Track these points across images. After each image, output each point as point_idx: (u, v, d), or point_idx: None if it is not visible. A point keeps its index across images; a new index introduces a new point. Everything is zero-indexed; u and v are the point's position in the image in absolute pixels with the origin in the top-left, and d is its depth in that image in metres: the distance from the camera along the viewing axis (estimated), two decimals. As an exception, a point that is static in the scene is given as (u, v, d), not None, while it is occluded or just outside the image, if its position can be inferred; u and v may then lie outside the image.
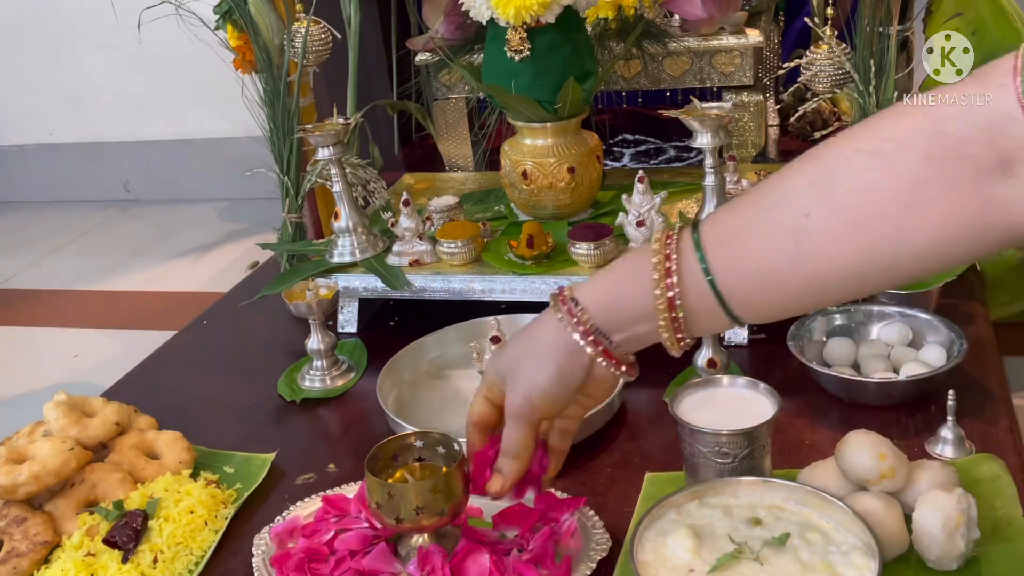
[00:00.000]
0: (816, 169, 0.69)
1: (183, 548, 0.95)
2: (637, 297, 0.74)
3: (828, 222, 0.68)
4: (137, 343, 1.88)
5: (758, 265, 0.71)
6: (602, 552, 0.87)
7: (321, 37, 1.45)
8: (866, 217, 0.67)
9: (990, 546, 0.83)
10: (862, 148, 0.67)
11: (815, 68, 1.24)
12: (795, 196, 0.69)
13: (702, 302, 0.72)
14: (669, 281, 0.72)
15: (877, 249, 0.67)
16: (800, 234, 0.68)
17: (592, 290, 0.77)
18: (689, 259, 0.72)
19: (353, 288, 1.33)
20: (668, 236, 0.73)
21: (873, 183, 0.66)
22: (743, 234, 0.71)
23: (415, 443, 0.91)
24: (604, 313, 0.76)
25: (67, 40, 3.00)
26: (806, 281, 0.70)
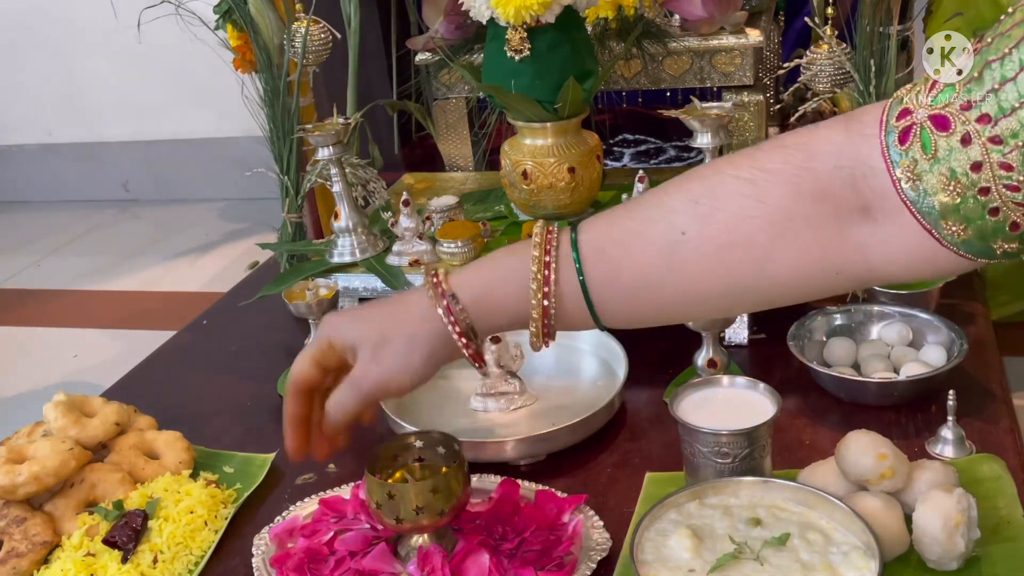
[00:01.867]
0: (696, 189, 0.72)
1: (183, 548, 0.95)
2: (513, 302, 0.76)
3: (701, 243, 0.71)
4: (137, 343, 1.88)
5: (631, 277, 0.73)
6: (602, 552, 0.87)
7: (321, 37, 1.45)
8: (736, 242, 0.70)
9: (990, 546, 0.83)
10: (740, 175, 0.70)
11: (815, 68, 1.24)
12: (674, 214, 0.72)
13: (573, 308, 0.75)
14: (547, 290, 0.74)
15: (743, 274, 0.71)
16: (674, 251, 0.71)
17: (470, 288, 0.78)
18: (567, 269, 0.74)
19: (353, 288, 1.33)
20: (548, 242, 0.75)
21: (745, 211, 0.69)
22: (620, 246, 0.73)
23: (415, 443, 0.91)
24: (479, 313, 0.77)
25: (67, 40, 3.00)
26: (674, 297, 0.74)
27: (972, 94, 0.61)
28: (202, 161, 3.00)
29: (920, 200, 0.64)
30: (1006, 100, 0.59)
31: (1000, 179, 0.61)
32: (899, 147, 0.65)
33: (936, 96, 0.63)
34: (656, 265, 0.72)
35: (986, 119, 0.60)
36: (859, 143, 0.67)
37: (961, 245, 0.65)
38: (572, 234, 0.75)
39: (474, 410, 1.13)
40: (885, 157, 0.65)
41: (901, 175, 0.65)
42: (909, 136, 0.64)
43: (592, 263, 0.74)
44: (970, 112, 0.61)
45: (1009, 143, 0.60)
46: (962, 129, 0.62)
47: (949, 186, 0.63)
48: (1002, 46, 0.60)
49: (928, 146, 0.63)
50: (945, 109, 0.63)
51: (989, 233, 0.64)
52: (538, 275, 0.74)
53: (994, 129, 0.60)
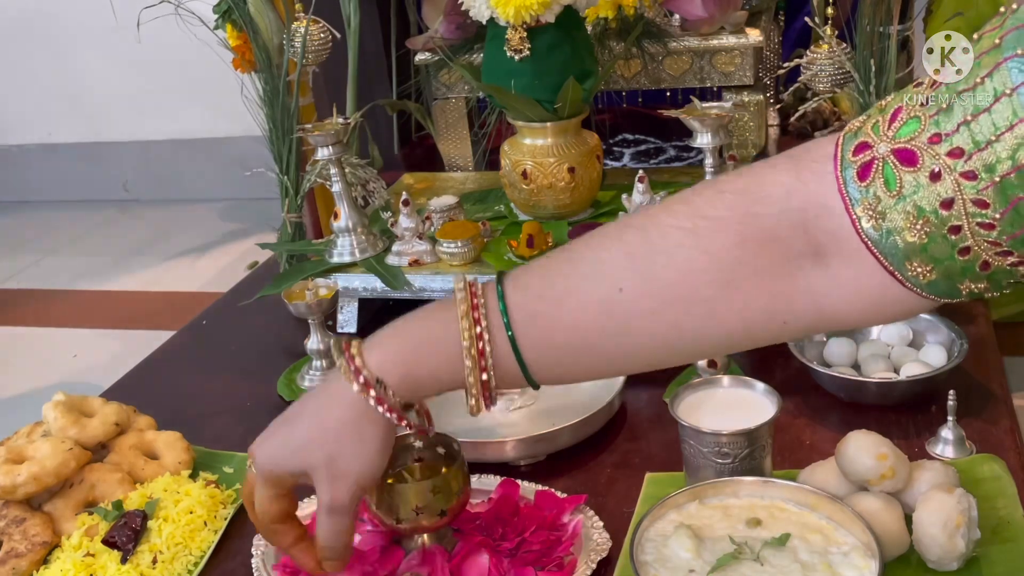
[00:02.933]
0: (634, 242, 0.68)
1: (182, 548, 0.95)
2: (445, 374, 0.71)
3: (642, 298, 0.66)
4: (137, 343, 1.88)
5: (568, 340, 0.69)
6: (602, 552, 0.87)
7: (320, 37, 1.45)
8: (680, 296, 0.66)
9: (991, 546, 0.83)
10: (680, 225, 0.66)
11: (815, 68, 1.24)
12: (610, 269, 0.67)
13: (508, 373, 0.70)
14: (483, 364, 0.69)
15: (686, 328, 0.67)
16: (612, 310, 0.67)
17: (395, 369, 0.72)
18: (500, 338, 0.69)
19: (353, 288, 1.33)
20: (475, 308, 0.69)
21: (688, 262, 0.65)
22: (554, 305, 0.69)
23: (415, 443, 0.91)
24: (409, 391, 0.72)
25: (67, 40, 3.00)
26: (614, 355, 0.70)
27: (941, 126, 0.57)
28: (202, 161, 3.00)
29: (883, 240, 0.60)
30: (980, 133, 0.55)
31: (973, 216, 0.57)
32: (858, 183, 0.60)
33: (900, 128, 0.59)
34: (593, 325, 0.68)
35: (958, 153, 0.56)
36: (810, 182, 0.63)
37: (925, 287, 0.61)
38: (499, 292, 0.69)
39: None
40: (843, 194, 0.61)
41: (861, 213, 0.60)
42: (870, 172, 0.60)
43: (525, 329, 0.68)
44: (940, 146, 0.57)
45: (984, 178, 0.55)
46: (931, 164, 0.57)
47: (916, 225, 0.59)
48: (973, 75, 0.56)
49: (892, 182, 0.59)
50: (911, 143, 0.58)
51: (957, 273, 0.60)
52: (471, 350, 0.69)
53: (967, 164, 0.56)
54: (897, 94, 0.62)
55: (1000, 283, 0.60)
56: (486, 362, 0.69)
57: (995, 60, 0.55)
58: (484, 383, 0.70)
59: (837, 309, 0.65)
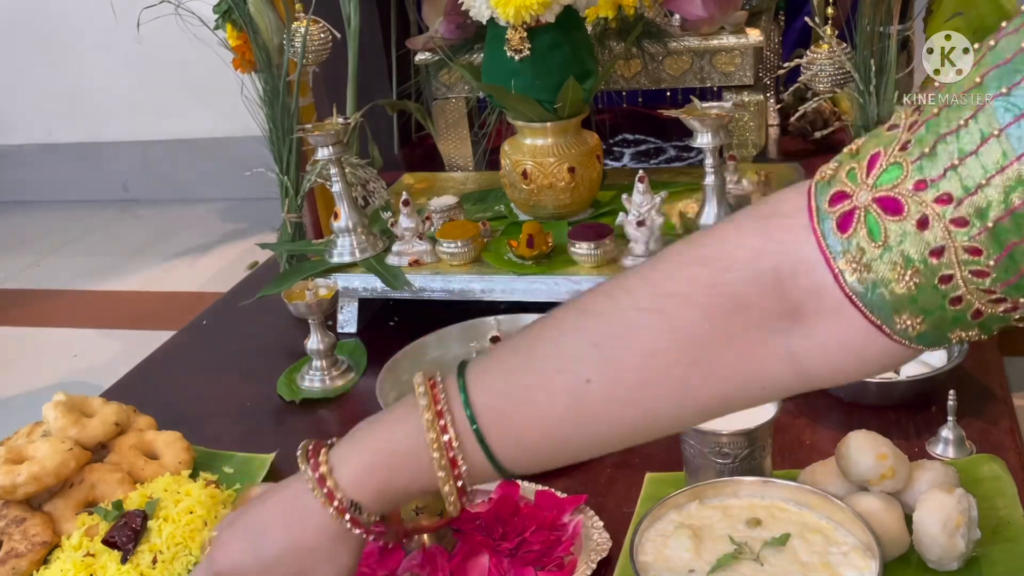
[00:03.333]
0: (596, 329, 0.65)
1: (182, 548, 0.95)
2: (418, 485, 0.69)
3: (611, 387, 0.64)
4: (137, 343, 1.88)
5: (539, 437, 0.67)
6: (602, 552, 0.87)
7: (320, 37, 1.45)
8: (650, 380, 0.63)
9: (991, 546, 0.83)
10: (641, 306, 0.63)
11: (815, 68, 1.24)
12: (573, 360, 0.65)
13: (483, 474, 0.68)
14: (456, 472, 0.66)
15: (659, 409, 0.64)
16: (581, 402, 0.64)
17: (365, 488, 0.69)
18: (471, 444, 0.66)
19: (353, 288, 1.33)
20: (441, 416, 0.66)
21: (655, 344, 0.62)
22: (521, 405, 0.66)
23: (415, 443, 0.90)
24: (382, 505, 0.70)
25: (67, 40, 3.00)
26: (588, 444, 0.68)
27: (926, 172, 0.54)
28: (202, 161, 3.00)
29: (868, 293, 0.57)
30: (970, 177, 0.52)
31: (966, 264, 0.54)
32: (839, 235, 0.57)
33: (880, 175, 0.56)
34: (563, 419, 0.65)
35: (947, 199, 0.53)
36: (783, 239, 0.59)
37: (915, 339, 0.58)
38: (464, 396, 0.66)
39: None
40: (822, 248, 0.57)
41: (844, 267, 0.57)
42: (851, 222, 0.56)
43: (494, 430, 0.66)
44: (926, 192, 0.54)
45: (976, 224, 0.52)
46: (917, 211, 0.54)
47: (904, 276, 0.55)
48: (954, 117, 0.53)
49: (877, 232, 0.56)
50: (894, 190, 0.55)
51: (948, 323, 0.57)
52: (442, 460, 0.66)
53: (957, 210, 0.53)
54: (869, 137, 0.59)
55: (990, 328, 0.58)
56: (459, 470, 0.66)
57: (978, 100, 0.53)
58: (460, 489, 0.67)
59: (818, 369, 0.62)
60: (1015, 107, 0.51)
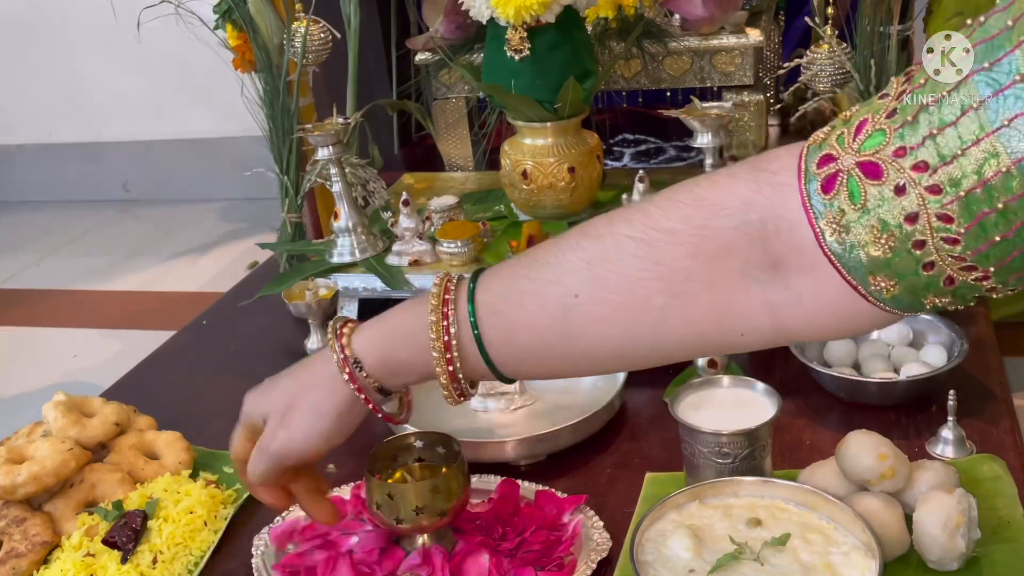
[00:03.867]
0: (590, 250, 0.69)
1: (182, 548, 0.95)
2: (418, 363, 0.75)
3: (595, 305, 0.68)
4: (137, 343, 1.88)
5: (528, 339, 0.72)
6: (602, 552, 0.87)
7: (320, 36, 1.44)
8: (632, 304, 0.67)
9: (991, 546, 0.83)
10: (634, 235, 0.67)
11: (815, 68, 1.24)
12: (567, 275, 0.69)
13: (475, 366, 0.73)
14: (449, 356, 0.73)
15: (640, 335, 0.68)
16: (568, 314, 0.69)
17: (373, 351, 0.76)
18: (466, 331, 0.72)
19: (353, 288, 1.33)
20: (446, 304, 0.73)
21: (640, 272, 0.66)
22: (515, 307, 0.72)
23: (415, 443, 0.91)
24: (385, 375, 0.77)
25: (67, 40, 3.00)
26: (572, 357, 0.72)
27: (906, 139, 0.56)
28: (202, 161, 3.00)
29: (846, 254, 0.60)
30: (946, 146, 0.55)
31: (937, 231, 0.56)
32: (823, 196, 0.60)
33: (864, 141, 0.58)
34: (550, 327, 0.70)
35: (923, 167, 0.56)
36: (771, 194, 0.62)
37: (889, 301, 0.61)
38: (470, 289, 0.73)
39: (474, 410, 1.13)
40: (806, 207, 0.60)
41: (825, 227, 0.60)
42: (835, 184, 0.59)
43: (489, 325, 0.72)
44: (904, 159, 0.56)
45: (949, 193, 0.55)
46: (896, 177, 0.57)
47: (880, 239, 0.58)
48: (939, 88, 0.56)
49: (857, 195, 0.58)
50: (876, 155, 0.58)
51: (921, 288, 0.59)
52: (438, 342, 0.72)
53: (932, 178, 0.55)
54: (863, 105, 0.61)
55: (965, 297, 0.60)
56: (452, 355, 0.72)
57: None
58: (451, 374, 0.73)
59: (795, 323, 0.65)
60: (995, 82, 0.53)
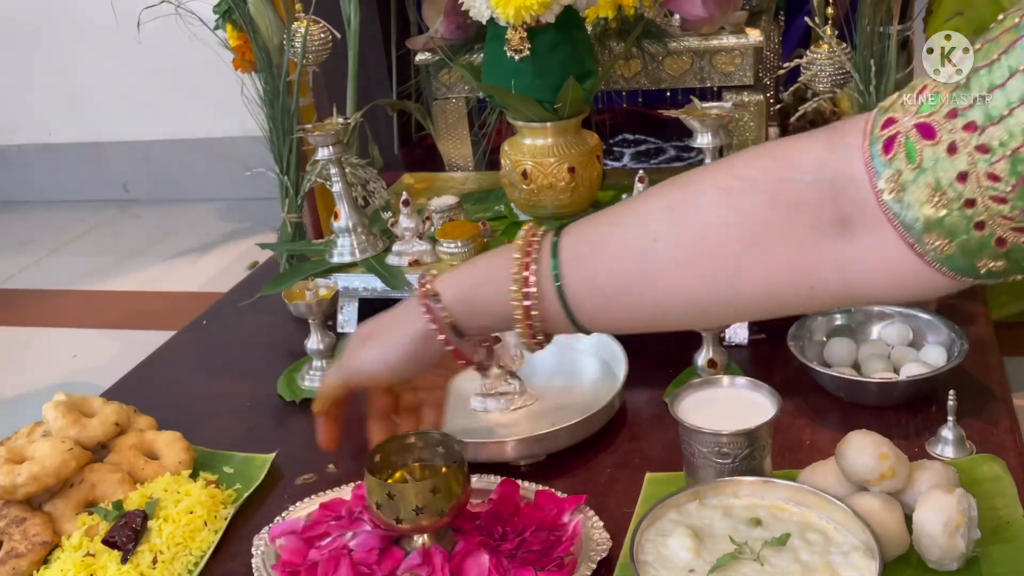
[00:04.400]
0: (673, 196, 0.72)
1: (182, 548, 0.95)
2: (495, 303, 0.77)
3: (674, 251, 0.70)
4: (137, 343, 1.88)
5: (606, 282, 0.73)
6: (602, 552, 0.87)
7: (321, 37, 1.44)
8: (709, 251, 0.69)
9: (991, 546, 0.83)
10: (717, 183, 0.70)
11: (815, 68, 1.24)
12: (649, 220, 0.72)
13: (553, 311, 0.75)
14: (527, 291, 0.74)
15: (716, 284, 0.69)
16: (647, 258, 0.71)
17: (454, 286, 0.79)
18: (546, 271, 0.74)
19: (353, 288, 1.33)
20: (530, 243, 0.75)
21: (720, 219, 0.68)
22: (597, 250, 0.74)
23: (415, 443, 0.91)
24: (463, 311, 0.79)
25: (67, 40, 3.00)
26: (649, 304, 0.73)
27: (958, 101, 0.59)
28: (202, 161, 3.00)
29: (903, 213, 0.62)
30: (994, 107, 0.57)
31: (987, 190, 0.59)
32: (883, 157, 0.63)
33: (923, 104, 0.62)
34: (629, 271, 0.72)
35: (972, 127, 0.58)
36: (841, 155, 0.65)
37: (944, 261, 0.63)
38: (555, 237, 0.75)
39: (474, 410, 1.13)
40: (868, 168, 0.63)
41: (884, 186, 0.63)
42: (894, 145, 0.62)
43: (569, 266, 0.74)
44: (956, 120, 0.59)
45: (997, 152, 0.57)
46: (948, 138, 0.60)
47: (934, 198, 0.61)
48: (991, 52, 0.58)
49: (913, 156, 0.61)
50: (931, 117, 0.61)
51: (974, 249, 0.61)
52: (518, 276, 0.74)
53: (981, 137, 0.58)
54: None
55: (1019, 263, 0.62)
56: (530, 291, 0.74)
57: (1012, 38, 0.57)
58: (527, 309, 0.74)
59: (862, 280, 0.67)
60: None
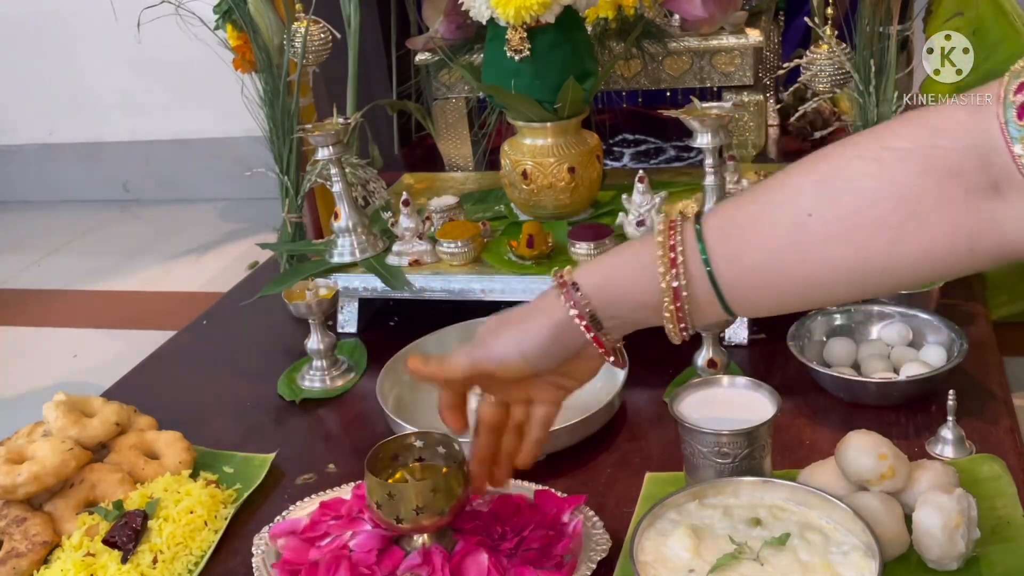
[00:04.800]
0: (821, 170, 0.70)
1: (183, 548, 0.95)
2: (639, 286, 0.74)
3: (829, 224, 0.68)
4: (137, 343, 1.88)
5: (757, 260, 0.71)
6: (602, 552, 0.87)
7: (321, 37, 1.45)
8: (865, 223, 0.68)
9: (990, 546, 0.83)
10: (864, 155, 0.68)
11: (815, 68, 1.24)
12: (799, 194, 0.70)
13: (702, 294, 0.73)
14: (675, 271, 0.72)
15: (873, 255, 0.68)
16: (801, 232, 0.69)
17: (593, 276, 0.77)
18: (692, 252, 0.72)
19: (353, 288, 1.33)
20: (672, 227, 0.73)
21: (873, 190, 0.67)
22: (745, 228, 0.72)
23: (415, 443, 0.91)
24: (603, 299, 0.76)
25: (67, 40, 3.00)
26: (803, 280, 0.71)
27: None
28: (202, 161, 2.99)
29: None
30: None
31: None
32: (1018, 122, 0.62)
33: None
34: (782, 247, 0.70)
35: None
36: (982, 120, 0.64)
37: None
38: (696, 224, 0.73)
39: (474, 410, 1.13)
40: (1004, 133, 0.63)
41: (1020, 151, 0.62)
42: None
43: (716, 246, 0.72)
44: None
45: None
46: None
47: None
48: None
49: None
50: None
51: None
52: (664, 258, 0.72)
53: None
54: None
55: None
56: (678, 270, 0.72)
57: None
58: (676, 291, 0.72)
59: (1020, 239, 0.66)
60: None
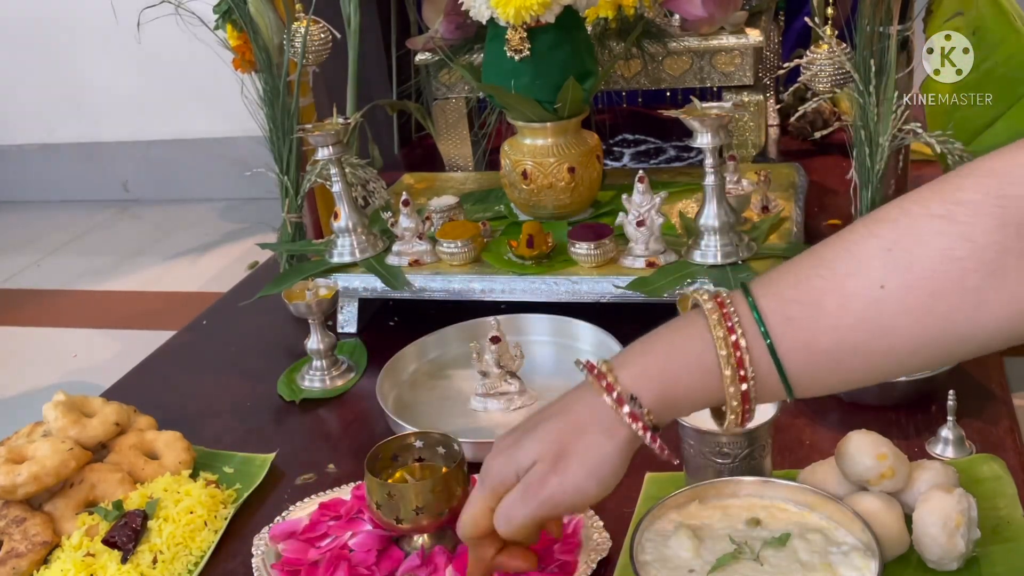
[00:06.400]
0: (887, 235, 0.64)
1: (182, 548, 0.95)
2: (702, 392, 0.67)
3: (905, 294, 0.62)
4: (137, 343, 1.88)
5: (831, 343, 0.64)
6: (602, 552, 0.87)
7: (321, 37, 1.45)
8: (945, 288, 0.62)
9: (990, 546, 0.83)
10: (933, 212, 0.62)
11: (815, 68, 1.24)
12: (866, 264, 0.63)
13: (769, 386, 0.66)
14: (742, 373, 0.65)
15: (956, 322, 0.62)
16: (877, 308, 0.63)
17: (649, 385, 0.68)
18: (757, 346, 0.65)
19: (353, 288, 1.33)
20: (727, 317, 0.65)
21: (950, 251, 0.61)
22: (812, 307, 0.65)
23: (415, 443, 0.91)
24: (664, 408, 0.68)
25: (67, 40, 3.00)
26: (878, 357, 0.65)
27: None
28: (202, 161, 2.99)
29: None
30: None
31: None
32: None
33: None
34: (858, 326, 0.63)
35: None
36: None
37: None
38: (749, 299, 0.66)
39: (474, 410, 1.13)
40: None
41: None
42: None
43: (783, 335, 0.64)
44: None
45: None
46: None
47: None
48: None
49: None
50: None
51: None
52: (730, 359, 0.65)
53: None
54: None
55: None
56: (746, 371, 0.65)
57: None
58: (744, 394, 0.65)
59: None
60: None
